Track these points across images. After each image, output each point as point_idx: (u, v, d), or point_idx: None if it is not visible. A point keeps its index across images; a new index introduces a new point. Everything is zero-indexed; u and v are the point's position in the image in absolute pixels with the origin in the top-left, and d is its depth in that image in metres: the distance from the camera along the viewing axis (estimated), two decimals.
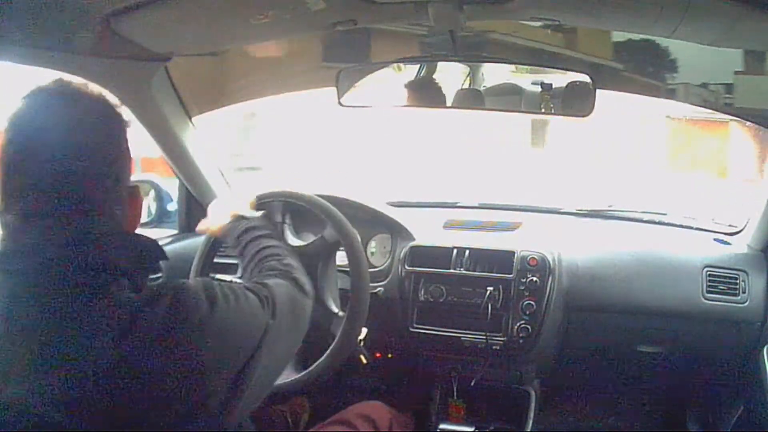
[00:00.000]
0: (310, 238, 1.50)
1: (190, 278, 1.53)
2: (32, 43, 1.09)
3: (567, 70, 1.51)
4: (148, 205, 1.86)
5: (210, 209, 1.39)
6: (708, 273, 1.62)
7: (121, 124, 0.84)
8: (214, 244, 1.56)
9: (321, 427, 1.38)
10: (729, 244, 1.76)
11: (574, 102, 1.46)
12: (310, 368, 1.38)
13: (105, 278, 0.75)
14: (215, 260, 1.58)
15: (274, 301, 0.90)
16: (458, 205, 2.03)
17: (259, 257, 1.14)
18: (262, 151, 6.35)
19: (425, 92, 1.64)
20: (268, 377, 0.90)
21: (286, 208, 1.53)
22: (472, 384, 1.67)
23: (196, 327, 0.77)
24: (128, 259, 0.78)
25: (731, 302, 1.59)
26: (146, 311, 0.74)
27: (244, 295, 0.87)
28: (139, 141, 1.60)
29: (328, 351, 1.38)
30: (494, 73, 1.70)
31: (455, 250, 1.65)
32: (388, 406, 1.49)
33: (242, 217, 1.28)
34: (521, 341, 1.58)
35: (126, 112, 0.86)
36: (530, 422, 1.68)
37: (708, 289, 1.61)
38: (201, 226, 1.39)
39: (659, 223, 1.89)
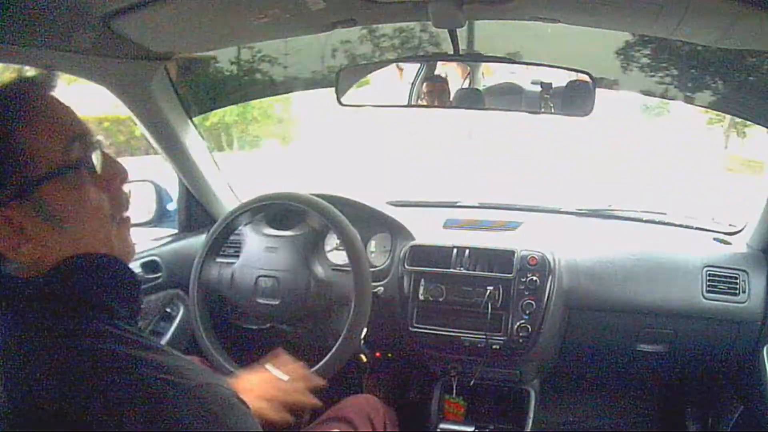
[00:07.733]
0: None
1: (192, 277, 1.53)
2: (32, 43, 1.09)
3: (567, 69, 1.51)
4: (148, 205, 1.86)
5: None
6: (708, 272, 1.62)
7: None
8: (215, 244, 1.57)
9: (320, 425, 1.38)
10: (729, 243, 1.76)
11: (574, 101, 1.46)
12: (312, 368, 1.39)
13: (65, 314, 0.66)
14: (216, 260, 1.59)
15: None
16: (458, 204, 2.03)
17: None
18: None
19: (439, 87, 1.64)
20: None
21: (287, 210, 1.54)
22: (472, 383, 1.67)
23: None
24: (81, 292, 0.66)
25: (731, 302, 1.59)
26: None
27: None
28: None
29: (331, 351, 1.39)
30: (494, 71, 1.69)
31: (455, 250, 1.65)
32: (379, 400, 1.49)
33: None
34: (521, 340, 1.58)
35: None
36: (530, 421, 1.69)
37: (708, 288, 1.61)
38: None
39: (659, 222, 1.89)
